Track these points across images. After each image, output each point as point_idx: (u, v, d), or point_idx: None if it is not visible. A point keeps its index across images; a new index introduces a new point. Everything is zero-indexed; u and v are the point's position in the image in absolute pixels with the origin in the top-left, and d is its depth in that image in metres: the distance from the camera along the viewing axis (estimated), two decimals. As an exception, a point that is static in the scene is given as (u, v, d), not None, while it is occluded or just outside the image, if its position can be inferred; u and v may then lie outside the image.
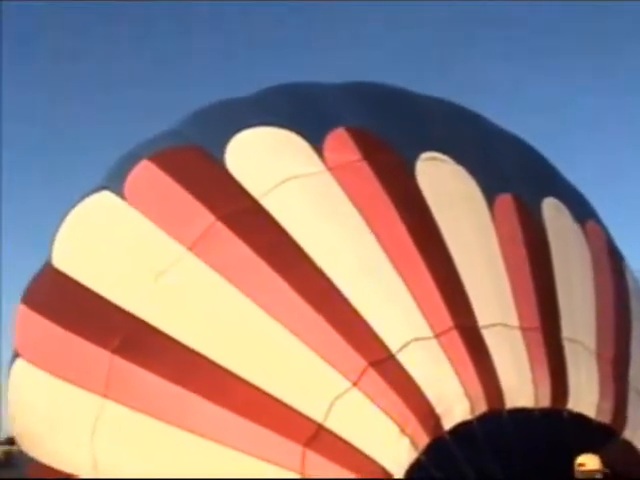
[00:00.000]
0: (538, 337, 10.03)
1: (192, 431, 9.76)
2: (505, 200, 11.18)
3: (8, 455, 57.51)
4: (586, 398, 9.94)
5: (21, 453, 13.61)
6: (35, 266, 12.92)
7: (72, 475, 11.18)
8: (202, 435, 9.71)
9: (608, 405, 10.00)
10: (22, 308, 12.68)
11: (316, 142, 11.08)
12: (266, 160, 11.13)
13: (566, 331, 10.31)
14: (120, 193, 11.70)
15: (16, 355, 12.48)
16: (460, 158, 11.38)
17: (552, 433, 9.58)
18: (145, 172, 11.70)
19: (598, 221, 12.84)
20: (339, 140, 11.13)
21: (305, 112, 11.81)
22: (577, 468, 9.01)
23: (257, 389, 9.52)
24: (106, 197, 12.01)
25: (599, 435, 9.83)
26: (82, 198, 12.63)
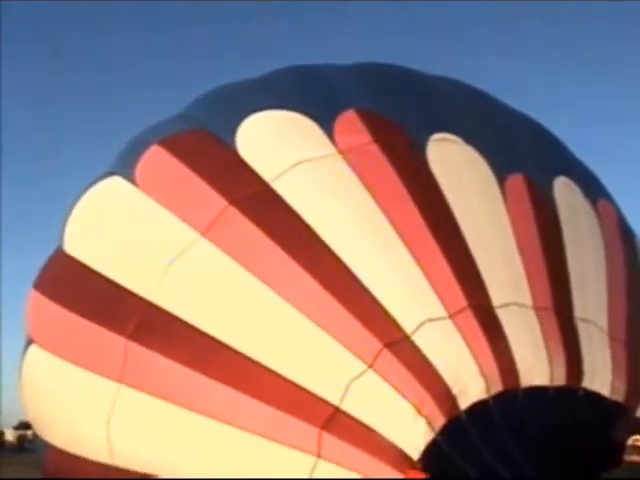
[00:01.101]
0: (551, 316, 10.03)
1: (208, 415, 9.79)
2: (516, 179, 11.15)
3: (21, 439, 57.98)
4: (600, 376, 9.95)
5: (34, 438, 13.68)
6: (44, 252, 12.96)
7: (87, 459, 11.24)
8: (218, 419, 9.74)
9: (621, 384, 10.02)
10: (34, 294, 12.69)
11: (326, 125, 11.03)
12: (277, 143, 11.08)
13: (578, 311, 10.31)
14: (131, 178, 11.67)
15: (30, 341, 12.51)
16: (471, 138, 11.33)
17: (567, 411, 9.63)
18: (155, 157, 11.66)
19: (610, 200, 12.79)
20: (349, 122, 11.09)
21: (315, 94, 11.76)
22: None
23: (272, 372, 9.54)
24: (117, 182, 11.98)
25: (613, 413, 9.89)
26: (92, 184, 12.60)
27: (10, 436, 62.72)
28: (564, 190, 11.70)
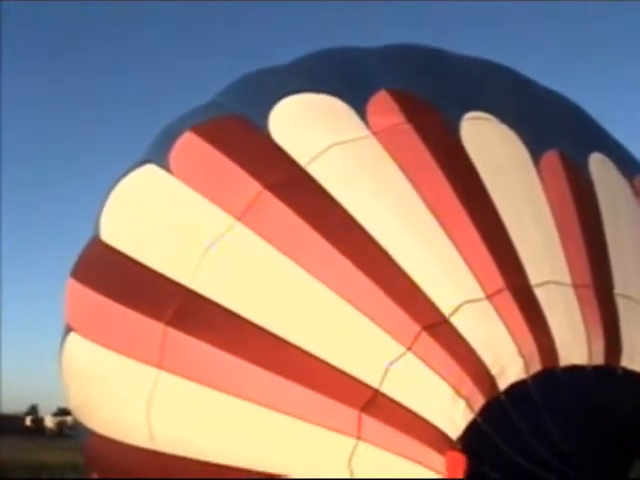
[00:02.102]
0: (590, 294, 9.93)
1: (248, 399, 9.82)
2: (551, 156, 11.05)
3: (61, 426, 58.85)
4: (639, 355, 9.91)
5: (74, 424, 13.86)
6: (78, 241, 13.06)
7: (128, 444, 11.36)
8: (257, 402, 9.78)
9: None
10: (72, 282, 12.80)
11: (359, 106, 10.99)
12: (310, 127, 11.05)
13: (618, 287, 10.20)
14: (165, 166, 11.71)
15: (68, 329, 12.64)
16: (504, 116, 11.23)
17: (605, 391, 9.57)
18: (189, 144, 11.69)
19: None
20: (382, 103, 11.03)
21: (346, 76, 11.71)
22: None
23: (311, 356, 9.55)
24: (151, 170, 12.03)
25: None
26: (126, 172, 12.68)
27: (50, 422, 63.79)
28: (599, 166, 11.58)
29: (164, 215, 11.42)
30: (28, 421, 62.38)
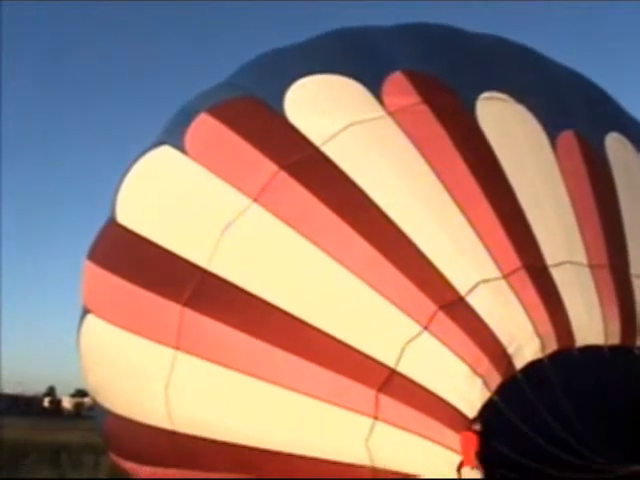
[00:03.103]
0: (606, 274, 9.94)
1: (265, 379, 9.89)
2: (567, 136, 11.01)
3: (78, 407, 59.26)
4: None
5: (91, 405, 13.93)
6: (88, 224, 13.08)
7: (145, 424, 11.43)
8: (274, 382, 9.85)
9: None
10: (89, 265, 12.87)
11: (374, 87, 10.98)
12: (325, 107, 11.05)
13: (635, 268, 10.21)
14: (180, 147, 11.75)
15: (86, 311, 12.71)
16: (520, 96, 11.19)
17: (621, 370, 9.57)
18: (204, 125, 11.70)
19: None
20: (397, 84, 11.01)
21: (361, 57, 11.67)
22: None
23: (329, 336, 9.61)
24: (167, 152, 12.06)
25: None
26: (142, 154, 12.70)
27: (67, 403, 64.21)
28: (616, 146, 11.54)
29: (180, 197, 11.45)
30: (46, 402, 63.05)
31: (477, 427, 8.75)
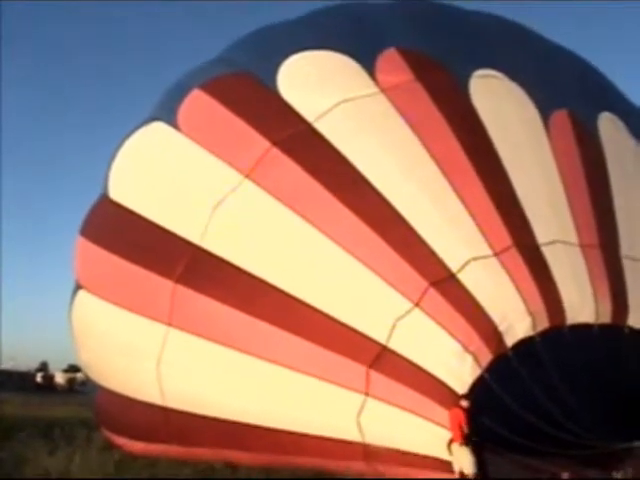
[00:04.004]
0: (597, 254, 9.97)
1: (256, 356, 9.94)
2: (561, 115, 11.00)
3: (71, 382, 59.26)
4: None
5: (84, 381, 14.01)
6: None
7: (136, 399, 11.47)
8: (267, 359, 9.90)
9: None
10: (81, 240, 12.88)
11: (368, 64, 10.96)
12: (318, 84, 11.03)
13: (625, 248, 10.24)
14: (173, 123, 11.73)
15: (78, 287, 12.73)
16: (514, 74, 11.18)
17: (612, 349, 9.62)
18: (197, 101, 11.68)
19: None
20: (391, 61, 10.98)
21: (355, 34, 11.63)
22: None
23: (320, 312, 9.65)
24: (159, 128, 12.04)
25: None
26: (134, 130, 12.68)
27: (60, 379, 64.13)
28: (609, 126, 11.54)
29: (172, 173, 11.43)
30: (39, 378, 63.00)
31: (465, 404, 8.78)
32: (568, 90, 11.50)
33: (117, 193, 12.33)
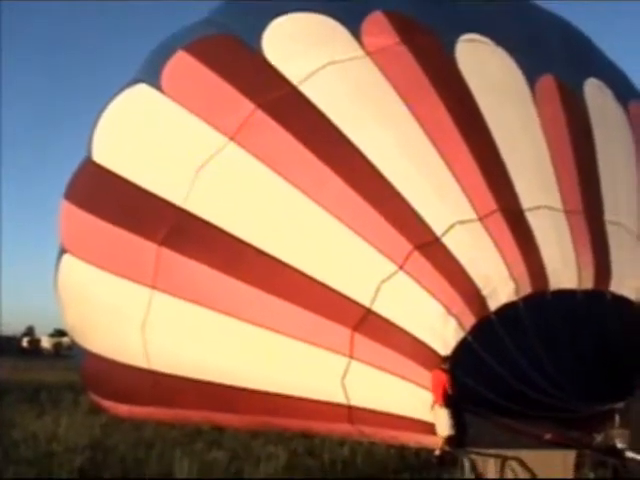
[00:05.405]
0: (581, 220, 10.02)
1: (241, 318, 9.97)
2: (547, 81, 10.98)
3: (57, 346, 59.27)
4: (628, 281, 10.03)
5: (70, 345, 13.99)
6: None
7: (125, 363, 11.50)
8: (252, 322, 9.92)
9: None
10: (66, 204, 12.83)
11: (353, 27, 10.89)
12: (304, 46, 10.96)
13: (609, 214, 10.30)
14: (157, 85, 11.64)
15: (63, 251, 12.70)
16: (501, 39, 11.14)
17: (594, 314, 9.70)
18: (181, 63, 11.59)
19: None
20: (377, 24, 10.92)
21: None
22: None
23: (304, 275, 9.66)
24: (143, 90, 11.95)
25: (639, 318, 9.96)
26: (118, 92, 12.58)
27: (46, 343, 64.16)
28: (595, 91, 11.53)
29: (156, 135, 11.37)
30: (25, 342, 63.02)
31: (446, 366, 8.83)
32: (554, 56, 11.48)
33: (101, 156, 12.26)
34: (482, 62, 10.91)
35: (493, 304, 9.24)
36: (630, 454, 8.03)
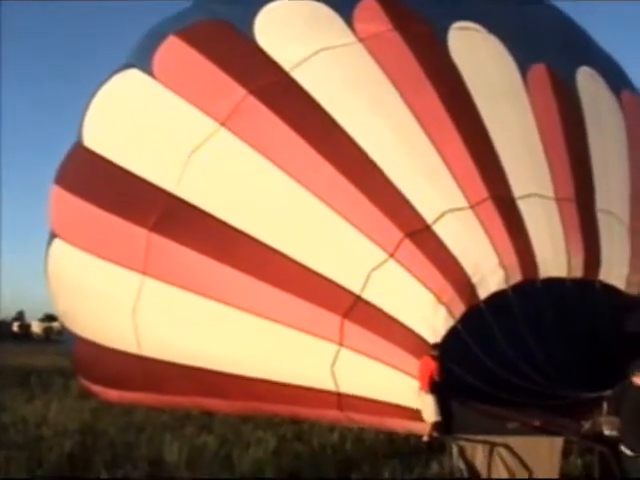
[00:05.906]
0: (572, 208, 10.04)
1: (231, 305, 9.96)
2: (539, 69, 10.98)
3: (47, 331, 59.25)
4: (617, 270, 10.08)
5: (60, 330, 13.99)
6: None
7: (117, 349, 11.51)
8: (242, 309, 9.92)
9: (638, 278, 10.14)
10: (56, 189, 12.78)
11: (345, 13, 10.85)
12: (296, 32, 10.91)
13: (600, 202, 10.32)
14: (148, 70, 11.58)
15: (54, 236, 12.67)
16: (493, 27, 11.10)
17: (583, 303, 9.74)
18: (173, 48, 11.53)
19: (634, 90, 12.62)
20: (369, 10, 10.88)
21: None
22: None
23: (295, 262, 9.66)
24: (134, 75, 11.89)
25: (628, 306, 10.02)
26: (109, 76, 12.51)
27: (36, 328, 64.16)
28: (587, 80, 11.53)
29: (147, 120, 11.32)
30: (15, 327, 63.01)
31: (434, 353, 8.85)
32: (547, 44, 11.44)
33: (91, 140, 12.21)
34: (474, 50, 10.88)
35: (483, 292, 9.26)
36: (607, 431, 8.05)
